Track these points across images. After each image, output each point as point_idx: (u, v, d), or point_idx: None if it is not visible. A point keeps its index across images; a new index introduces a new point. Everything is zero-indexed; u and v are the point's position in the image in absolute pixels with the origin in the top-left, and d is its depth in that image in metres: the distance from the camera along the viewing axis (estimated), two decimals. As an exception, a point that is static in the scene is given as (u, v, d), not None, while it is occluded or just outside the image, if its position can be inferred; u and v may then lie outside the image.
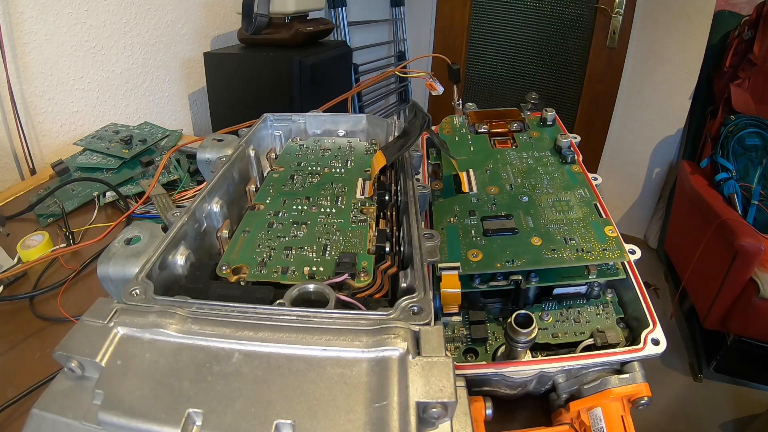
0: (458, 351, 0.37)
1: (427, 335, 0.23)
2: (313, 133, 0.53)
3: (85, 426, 0.21)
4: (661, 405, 1.25)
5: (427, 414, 0.20)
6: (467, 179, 0.46)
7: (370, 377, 0.21)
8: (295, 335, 0.22)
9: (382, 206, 0.40)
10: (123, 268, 0.28)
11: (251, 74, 1.06)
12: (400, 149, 0.40)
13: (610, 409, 0.32)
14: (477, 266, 0.37)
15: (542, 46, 1.93)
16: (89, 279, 0.52)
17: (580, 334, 0.37)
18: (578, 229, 0.39)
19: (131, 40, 0.97)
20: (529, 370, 0.33)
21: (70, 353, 0.22)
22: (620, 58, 1.75)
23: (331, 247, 0.35)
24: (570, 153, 0.49)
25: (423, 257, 0.29)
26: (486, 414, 0.31)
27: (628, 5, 1.67)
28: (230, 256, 0.34)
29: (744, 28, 1.43)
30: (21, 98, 0.78)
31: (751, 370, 1.26)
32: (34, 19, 0.78)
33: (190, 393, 0.20)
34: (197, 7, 1.12)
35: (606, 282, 0.39)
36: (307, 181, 0.44)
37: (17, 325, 0.46)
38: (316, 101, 0.64)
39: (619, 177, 1.88)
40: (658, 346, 0.33)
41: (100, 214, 0.63)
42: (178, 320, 0.23)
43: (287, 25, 1.06)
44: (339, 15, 1.64)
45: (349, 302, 0.28)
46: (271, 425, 0.19)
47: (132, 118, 1.01)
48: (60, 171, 0.69)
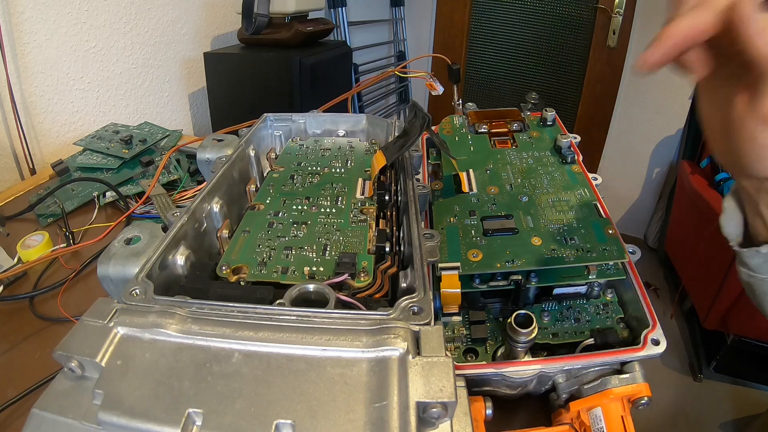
0: (458, 351, 0.37)
1: (427, 335, 0.23)
2: (313, 133, 0.53)
3: (85, 426, 0.21)
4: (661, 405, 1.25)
5: (427, 414, 0.20)
6: (467, 179, 0.46)
7: (370, 377, 0.21)
8: (295, 335, 0.22)
9: (382, 206, 0.40)
10: (123, 268, 0.28)
11: (251, 74, 1.06)
12: (400, 149, 0.40)
13: (610, 409, 0.32)
14: (477, 266, 0.37)
15: (542, 46, 1.93)
16: (89, 279, 0.52)
17: (580, 334, 0.37)
18: (578, 229, 0.39)
19: (131, 40, 0.97)
20: (529, 370, 0.33)
21: (70, 353, 0.22)
22: (620, 58, 1.75)
23: (331, 247, 0.35)
24: (570, 153, 0.49)
25: (423, 257, 0.29)
26: (486, 414, 0.31)
27: (628, 5, 1.67)
28: (230, 256, 0.34)
29: (744, 28, 1.43)
30: (21, 98, 0.78)
31: (751, 370, 1.26)
32: (34, 19, 0.78)
33: (190, 393, 0.20)
34: (197, 7, 1.12)
35: (606, 282, 0.39)
36: (307, 181, 0.44)
37: (17, 325, 0.46)
38: (316, 101, 0.64)
39: (619, 177, 1.88)
40: (658, 346, 0.33)
41: (100, 214, 0.63)
42: (178, 320, 0.23)
43: (287, 25, 1.06)
44: (339, 15, 1.64)
45: (349, 302, 0.28)
46: (271, 425, 0.19)
47: (132, 118, 1.01)
48: (60, 171, 0.69)
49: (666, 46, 0.23)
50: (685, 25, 0.23)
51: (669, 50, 0.23)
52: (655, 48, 0.23)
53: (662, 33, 0.23)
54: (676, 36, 0.23)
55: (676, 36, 0.23)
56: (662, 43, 0.23)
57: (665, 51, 0.23)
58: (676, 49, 0.23)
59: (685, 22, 0.23)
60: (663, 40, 0.23)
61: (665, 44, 0.23)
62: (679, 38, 0.23)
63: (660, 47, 0.23)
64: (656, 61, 0.23)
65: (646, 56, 0.23)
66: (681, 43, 0.23)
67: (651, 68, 0.24)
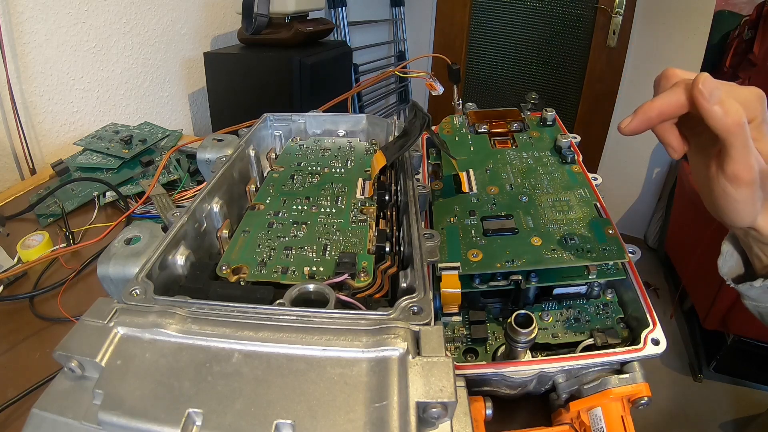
0: (458, 351, 0.37)
1: (427, 335, 0.23)
2: (313, 133, 0.53)
3: (85, 426, 0.21)
4: (661, 405, 1.25)
5: (427, 414, 0.20)
6: (467, 179, 0.46)
7: (370, 377, 0.21)
8: (295, 335, 0.22)
9: (382, 206, 0.40)
10: (123, 268, 0.28)
11: (251, 74, 1.06)
12: (400, 149, 0.40)
13: (610, 409, 0.32)
14: (477, 266, 0.37)
15: (542, 46, 1.93)
16: (89, 279, 0.52)
17: (580, 334, 0.37)
18: (578, 229, 0.39)
19: (131, 40, 0.97)
20: (529, 370, 0.33)
21: (70, 353, 0.22)
22: (620, 58, 1.75)
23: (331, 247, 0.35)
24: (570, 153, 0.49)
25: (423, 257, 0.29)
26: (486, 414, 0.31)
27: (628, 5, 1.67)
28: (230, 256, 0.34)
29: (744, 28, 1.43)
30: (21, 98, 0.78)
31: (751, 370, 1.27)
32: (34, 19, 0.78)
33: (190, 393, 0.20)
34: (197, 7, 1.12)
35: (606, 282, 0.39)
36: (307, 181, 0.44)
37: (17, 325, 0.46)
38: (316, 101, 0.64)
39: (619, 177, 1.88)
40: (658, 346, 0.33)
41: (100, 214, 0.63)
42: (178, 320, 0.23)
43: (287, 25, 1.06)
44: (339, 15, 1.64)
45: (349, 302, 0.28)
46: (271, 425, 0.19)
47: (132, 118, 1.01)
48: (60, 171, 0.69)
49: (641, 119, 0.29)
50: (659, 103, 0.28)
51: (643, 122, 0.29)
52: (633, 118, 0.29)
53: (641, 108, 0.29)
54: (650, 112, 0.28)
55: (650, 112, 0.28)
56: (638, 117, 0.29)
57: (640, 122, 0.29)
58: (650, 122, 0.29)
59: (660, 100, 0.28)
60: (639, 114, 0.29)
61: (641, 118, 0.29)
62: (654, 113, 0.28)
63: (636, 119, 0.29)
64: (633, 129, 0.29)
65: (626, 123, 0.29)
66: (655, 117, 0.28)
67: (629, 134, 0.29)
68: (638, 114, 0.29)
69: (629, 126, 0.29)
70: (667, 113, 0.28)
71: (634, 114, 0.29)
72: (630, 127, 0.29)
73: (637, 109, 0.29)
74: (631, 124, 0.29)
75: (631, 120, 0.29)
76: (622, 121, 0.29)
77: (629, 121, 0.29)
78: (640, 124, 0.29)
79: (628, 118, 0.29)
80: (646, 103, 0.28)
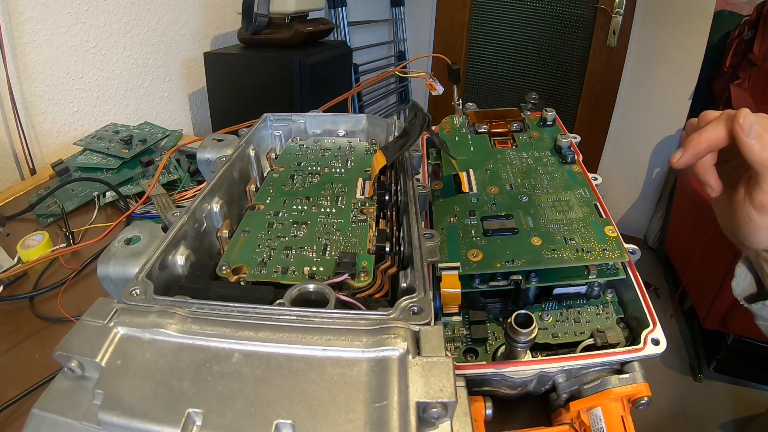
0: (458, 351, 0.37)
1: (427, 335, 0.23)
2: (313, 133, 0.53)
3: (85, 426, 0.21)
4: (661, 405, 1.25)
5: (427, 414, 0.20)
6: (467, 179, 0.46)
7: (370, 377, 0.21)
8: (295, 335, 0.22)
9: (382, 206, 0.40)
10: (123, 268, 0.28)
11: (251, 74, 1.06)
12: (400, 149, 0.40)
13: (610, 409, 0.32)
14: (477, 266, 0.37)
15: (542, 46, 1.93)
16: (89, 279, 0.52)
17: (580, 334, 0.37)
18: (578, 229, 0.39)
19: (131, 40, 0.97)
20: (529, 370, 0.33)
21: (70, 353, 0.22)
22: (620, 58, 1.75)
23: (331, 247, 0.35)
24: (570, 153, 0.49)
25: (423, 257, 0.29)
26: (486, 414, 0.31)
27: (628, 5, 1.67)
28: (230, 256, 0.34)
29: (744, 28, 1.43)
30: (21, 98, 0.78)
31: (751, 370, 1.27)
32: (34, 19, 0.78)
33: (190, 393, 0.20)
34: (197, 7, 1.12)
35: (606, 282, 0.39)
36: (307, 181, 0.44)
37: (17, 325, 0.46)
38: (316, 101, 0.64)
39: (619, 177, 1.88)
40: (658, 346, 0.33)
41: (100, 214, 0.63)
42: (178, 320, 0.23)
43: (287, 25, 1.06)
44: (339, 15, 1.64)
45: (349, 302, 0.28)
46: (271, 425, 0.19)
47: (132, 118, 1.01)
48: (60, 171, 0.69)
49: (692, 152, 0.31)
50: (706, 135, 0.30)
51: (694, 155, 0.31)
52: (684, 152, 0.31)
53: (690, 140, 0.31)
54: (699, 145, 0.31)
55: (699, 145, 0.31)
56: (689, 150, 0.31)
57: (691, 155, 0.31)
58: (699, 154, 0.31)
59: (706, 133, 0.30)
60: (690, 147, 0.31)
61: (691, 151, 0.31)
62: (702, 146, 0.31)
63: (687, 152, 0.31)
64: (685, 162, 0.31)
65: (677, 158, 0.31)
66: (704, 149, 0.31)
67: (683, 166, 0.32)
68: (688, 147, 0.31)
69: (681, 159, 0.31)
70: (712, 145, 0.31)
71: (683, 148, 0.31)
72: (682, 160, 0.31)
73: (686, 143, 0.31)
74: (683, 157, 0.31)
75: (682, 154, 0.31)
76: (673, 155, 0.31)
77: (680, 155, 0.31)
78: (690, 157, 0.31)
79: (678, 152, 0.31)
80: (693, 135, 0.31)
